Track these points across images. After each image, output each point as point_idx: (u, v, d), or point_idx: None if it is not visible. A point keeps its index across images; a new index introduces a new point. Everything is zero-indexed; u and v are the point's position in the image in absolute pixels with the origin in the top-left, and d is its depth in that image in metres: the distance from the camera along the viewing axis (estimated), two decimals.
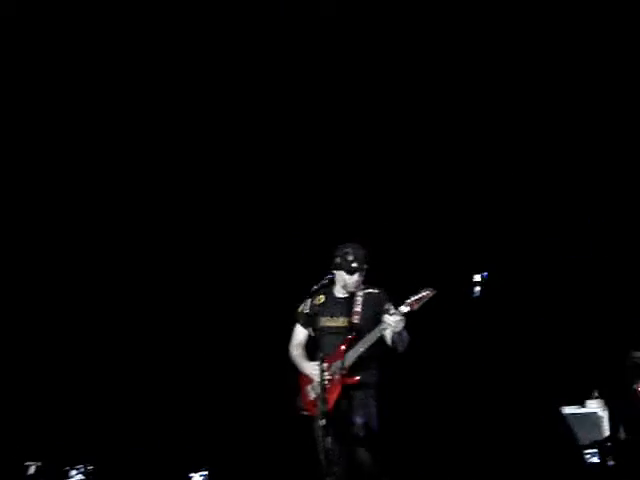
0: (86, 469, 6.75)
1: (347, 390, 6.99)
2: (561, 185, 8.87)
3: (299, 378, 7.24)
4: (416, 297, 6.98)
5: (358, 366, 7.04)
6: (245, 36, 8.82)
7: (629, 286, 8.65)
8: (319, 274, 7.14)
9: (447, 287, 8.78)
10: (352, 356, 7.04)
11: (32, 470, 6.19)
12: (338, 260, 7.15)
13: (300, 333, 7.41)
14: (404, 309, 6.95)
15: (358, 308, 7.18)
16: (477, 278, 8.96)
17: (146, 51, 8.83)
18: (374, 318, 7.09)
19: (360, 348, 7.04)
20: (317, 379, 6.93)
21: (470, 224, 9.01)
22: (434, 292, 6.96)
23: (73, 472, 6.70)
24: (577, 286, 8.84)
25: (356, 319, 7.14)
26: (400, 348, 7.05)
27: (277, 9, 8.68)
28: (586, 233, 8.90)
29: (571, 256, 8.82)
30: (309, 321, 7.24)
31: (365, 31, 8.72)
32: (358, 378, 6.99)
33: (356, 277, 7.16)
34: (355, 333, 7.09)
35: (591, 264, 8.79)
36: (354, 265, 7.17)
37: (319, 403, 6.83)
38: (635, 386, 8.09)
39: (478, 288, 8.84)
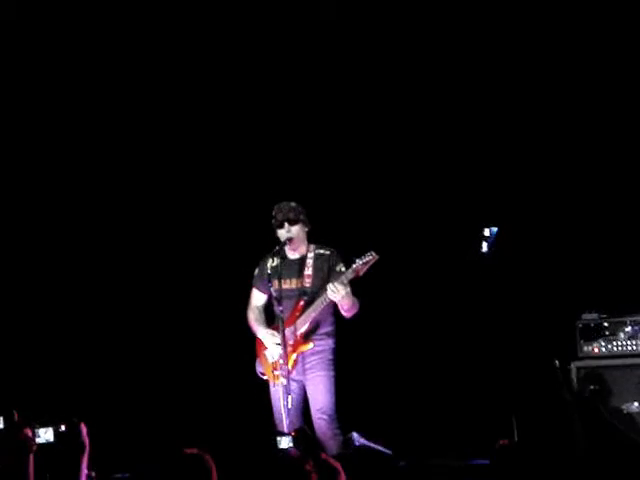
0: (56, 429, 6.46)
1: (303, 356, 6.98)
2: (569, 143, 8.58)
3: (257, 342, 7.20)
4: (361, 263, 6.87)
5: (312, 331, 7.00)
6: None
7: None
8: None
9: (455, 242, 8.54)
10: (303, 322, 6.99)
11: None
12: (272, 220, 7.12)
13: (256, 297, 7.30)
14: (349, 275, 6.89)
15: (309, 271, 7.09)
16: (486, 233, 8.65)
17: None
18: (327, 280, 6.99)
19: (312, 313, 6.98)
20: (270, 347, 6.96)
21: (480, 177, 8.73)
22: (377, 257, 6.86)
23: (42, 431, 6.39)
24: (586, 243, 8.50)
25: (307, 282, 7.07)
26: (345, 314, 7.00)
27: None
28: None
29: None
30: (264, 284, 7.11)
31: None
32: (312, 345, 6.95)
33: (284, 230, 7.04)
34: (306, 297, 7.02)
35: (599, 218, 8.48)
36: (279, 217, 7.05)
37: (279, 366, 6.87)
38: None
39: (487, 244, 8.53)
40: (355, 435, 6.98)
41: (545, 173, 8.64)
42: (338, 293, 6.80)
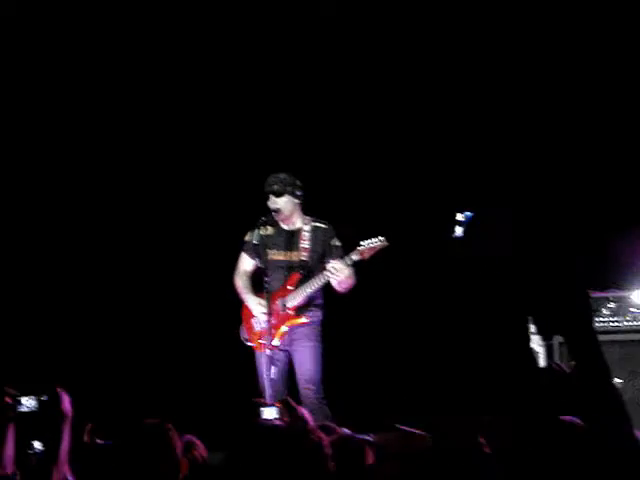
0: (39, 398, 6.38)
1: (291, 328, 6.90)
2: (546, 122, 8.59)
3: (243, 308, 7.11)
4: (368, 246, 6.74)
5: (304, 305, 6.92)
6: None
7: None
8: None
9: (427, 226, 8.59)
10: (298, 296, 6.89)
11: None
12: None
13: (245, 262, 7.16)
14: (354, 257, 6.75)
15: (306, 244, 6.98)
16: (460, 218, 8.68)
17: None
18: (322, 254, 6.90)
19: (307, 289, 6.89)
20: (258, 315, 6.83)
21: (455, 160, 8.75)
22: (387, 244, 6.72)
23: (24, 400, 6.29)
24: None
25: (304, 256, 6.95)
26: (339, 289, 6.84)
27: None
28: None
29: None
30: (255, 251, 6.98)
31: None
32: (304, 320, 6.88)
33: (270, 202, 6.88)
34: (302, 271, 6.92)
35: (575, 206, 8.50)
36: (266, 189, 6.91)
37: (265, 336, 6.75)
38: None
39: (460, 228, 8.57)
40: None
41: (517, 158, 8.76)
42: (341, 273, 6.69)
